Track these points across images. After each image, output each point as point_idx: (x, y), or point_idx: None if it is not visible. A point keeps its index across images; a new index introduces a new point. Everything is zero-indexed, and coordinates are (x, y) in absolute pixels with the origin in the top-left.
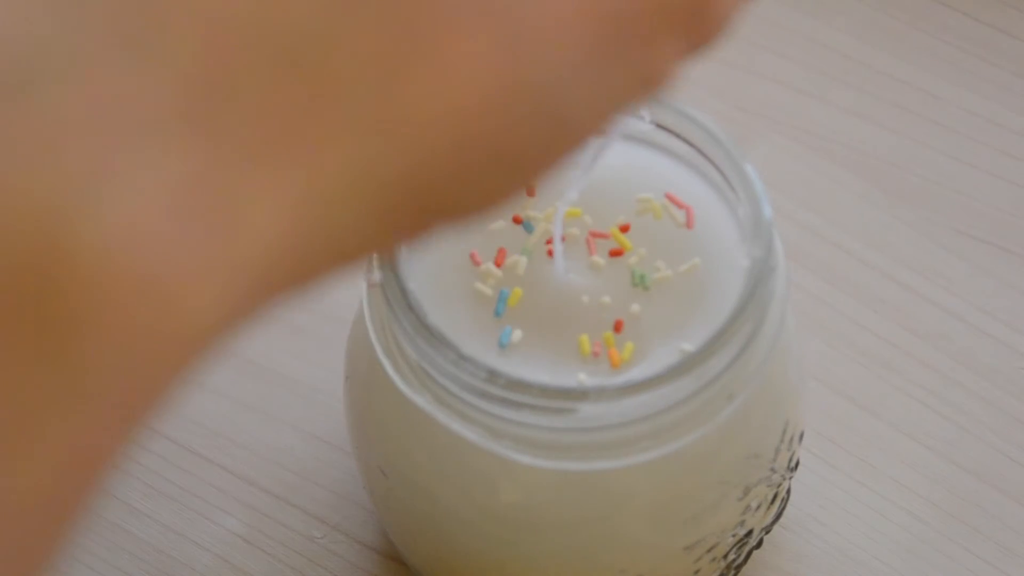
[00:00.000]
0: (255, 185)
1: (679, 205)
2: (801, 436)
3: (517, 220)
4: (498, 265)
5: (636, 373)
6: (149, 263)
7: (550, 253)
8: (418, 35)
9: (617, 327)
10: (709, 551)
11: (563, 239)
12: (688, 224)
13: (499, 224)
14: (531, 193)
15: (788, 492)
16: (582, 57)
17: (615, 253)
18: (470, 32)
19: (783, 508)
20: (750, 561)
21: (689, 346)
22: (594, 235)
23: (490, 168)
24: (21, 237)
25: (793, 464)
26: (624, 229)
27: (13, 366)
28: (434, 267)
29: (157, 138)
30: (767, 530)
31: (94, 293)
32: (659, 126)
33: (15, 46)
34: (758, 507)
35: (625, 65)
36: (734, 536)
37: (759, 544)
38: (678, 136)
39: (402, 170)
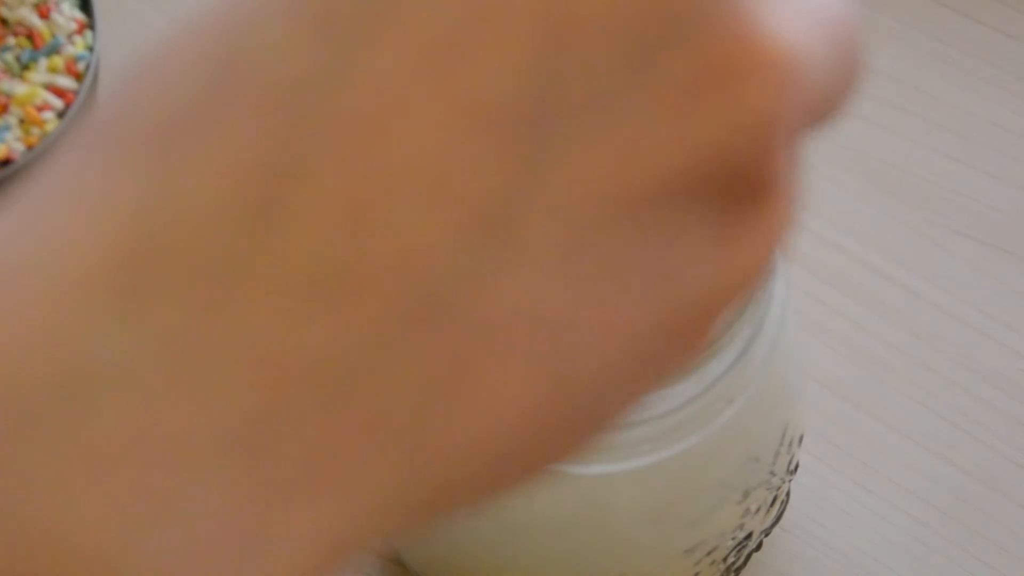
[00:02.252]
0: (292, 519)
1: None
2: (801, 439)
3: None
4: None
5: None
6: None
7: None
8: (462, 363)
9: None
10: (709, 554)
11: None
12: None
13: None
14: None
15: (788, 495)
16: (620, 372)
17: None
18: (513, 359)
19: (783, 511)
20: (750, 563)
21: None
22: None
23: (518, 471)
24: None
25: (793, 467)
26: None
27: None
28: None
29: (199, 471)
30: (766, 533)
31: None
32: None
33: (64, 355)
34: (758, 510)
35: (662, 363)
36: (734, 539)
37: (759, 547)
38: None
39: (431, 493)
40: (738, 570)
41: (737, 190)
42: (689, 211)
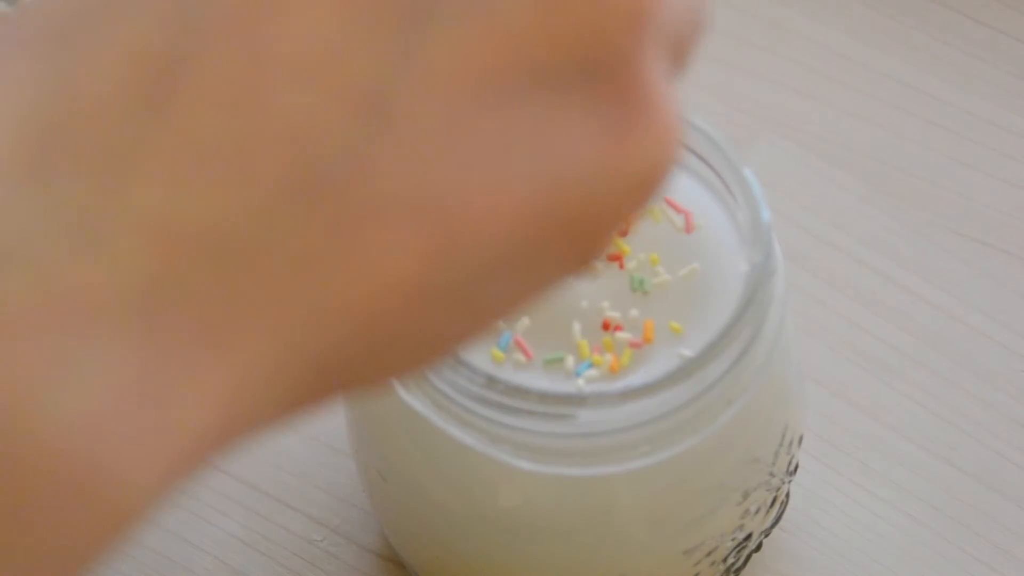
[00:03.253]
0: (191, 375)
1: (678, 209)
2: (800, 440)
3: None
4: None
5: (635, 379)
6: (94, 450)
7: None
8: (345, 232)
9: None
10: (708, 555)
11: None
12: (687, 228)
13: None
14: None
15: (787, 496)
16: (503, 255)
17: (614, 258)
18: (395, 229)
19: (782, 511)
20: (749, 564)
21: (688, 351)
22: None
23: (402, 347)
24: None
25: (792, 468)
26: (623, 234)
27: None
28: None
29: (104, 333)
30: (766, 533)
31: (45, 475)
32: None
33: None
34: (757, 511)
35: (550, 260)
36: (733, 540)
37: (758, 547)
38: None
39: (320, 351)
40: (738, 571)
41: (613, 87)
42: (566, 100)
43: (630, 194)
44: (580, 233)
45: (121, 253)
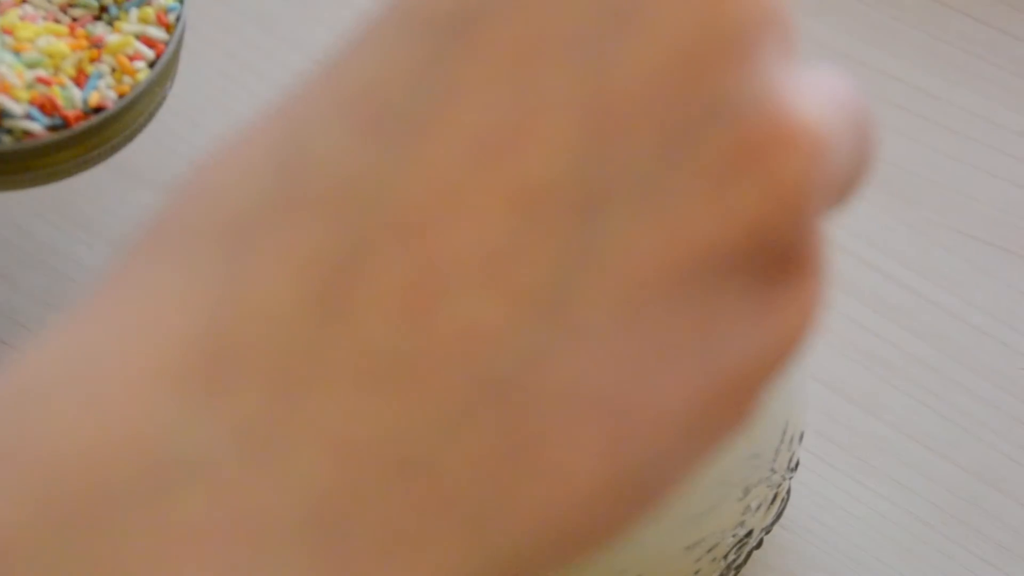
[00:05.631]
0: None
1: None
2: (801, 436)
3: None
4: None
5: None
6: None
7: None
8: (524, 439)
9: None
10: (709, 551)
11: None
12: None
13: None
14: None
15: (788, 492)
16: (676, 441)
17: None
18: (573, 435)
19: (783, 508)
20: (750, 561)
21: None
22: None
23: (581, 548)
24: None
25: (793, 464)
26: None
27: None
28: None
29: (283, 552)
30: (767, 530)
31: None
32: None
33: (151, 445)
34: (758, 507)
35: (713, 431)
36: (734, 536)
37: (759, 544)
38: None
39: (499, 565)
40: (739, 567)
41: (773, 260)
42: (730, 284)
43: (782, 358)
44: (738, 405)
45: (295, 467)
